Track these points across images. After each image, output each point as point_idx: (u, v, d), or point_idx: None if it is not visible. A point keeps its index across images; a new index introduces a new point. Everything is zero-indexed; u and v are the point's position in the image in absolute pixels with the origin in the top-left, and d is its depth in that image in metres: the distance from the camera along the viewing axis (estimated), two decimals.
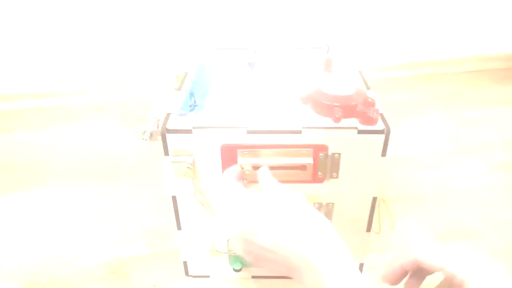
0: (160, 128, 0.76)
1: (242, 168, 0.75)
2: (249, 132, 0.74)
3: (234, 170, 0.72)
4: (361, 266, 0.92)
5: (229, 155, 0.77)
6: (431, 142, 1.44)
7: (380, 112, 0.76)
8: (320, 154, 0.76)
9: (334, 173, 0.79)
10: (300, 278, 0.60)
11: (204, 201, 0.82)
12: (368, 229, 0.87)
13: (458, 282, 0.57)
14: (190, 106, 0.80)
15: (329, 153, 0.76)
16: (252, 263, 0.64)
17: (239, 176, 0.72)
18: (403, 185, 1.23)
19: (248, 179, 0.74)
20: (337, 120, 0.75)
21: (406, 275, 0.65)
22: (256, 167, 0.73)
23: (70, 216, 1.15)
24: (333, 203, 0.83)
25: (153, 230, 1.09)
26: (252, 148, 0.76)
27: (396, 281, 0.65)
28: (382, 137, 0.74)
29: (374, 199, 0.83)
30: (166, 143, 0.76)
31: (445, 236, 1.06)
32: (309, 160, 0.77)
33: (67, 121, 1.60)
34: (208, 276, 0.96)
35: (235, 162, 0.77)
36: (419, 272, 0.65)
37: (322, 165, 0.78)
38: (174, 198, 0.83)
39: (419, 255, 0.61)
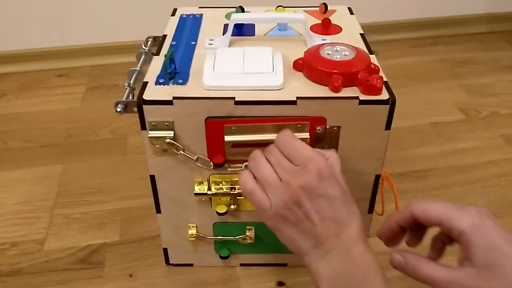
0: (136, 99, 0.76)
1: None
2: (237, 103, 0.74)
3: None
4: None
5: (215, 129, 0.77)
6: (438, 112, 1.45)
7: (384, 80, 0.77)
8: (317, 128, 0.77)
9: (333, 149, 0.79)
10: (319, 258, 0.64)
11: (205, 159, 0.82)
12: (370, 210, 0.88)
13: (456, 234, 0.60)
14: (170, 73, 0.79)
15: (327, 126, 0.77)
16: (274, 222, 0.67)
17: None
18: (407, 160, 1.25)
19: None
20: (336, 89, 0.75)
21: (404, 233, 0.69)
22: None
23: (31, 197, 1.15)
24: None
25: (128, 214, 1.10)
26: (241, 120, 0.76)
27: (394, 239, 0.69)
28: (386, 108, 0.75)
29: (377, 177, 0.84)
30: (143, 116, 0.76)
31: None
32: (304, 135, 0.77)
33: (25, 90, 1.59)
34: (192, 265, 0.97)
35: (222, 136, 0.77)
36: (419, 229, 0.68)
37: (320, 140, 0.78)
38: (152, 177, 0.83)
39: (415, 210, 0.64)
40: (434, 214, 0.62)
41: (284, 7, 0.99)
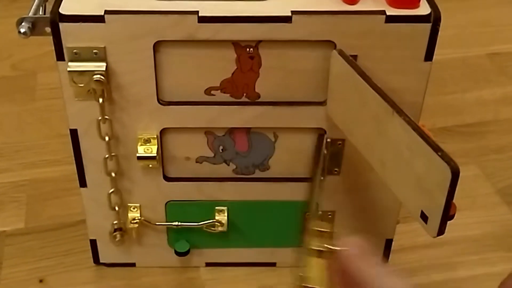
0: (48, 14, 0.74)
1: None
2: (201, 20, 0.73)
3: None
4: (388, 243, 0.94)
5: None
6: (499, 38, 1.45)
7: None
8: None
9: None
10: None
11: (113, 140, 0.82)
12: None
13: None
14: None
15: None
16: None
17: None
18: (453, 109, 1.25)
19: None
20: (351, 0, 0.74)
21: None
22: None
23: None
24: (343, 140, 0.83)
25: (39, 188, 1.09)
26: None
27: None
28: (427, 27, 0.74)
29: None
30: (60, 39, 0.74)
31: None
32: None
33: None
34: (134, 265, 0.97)
35: None
36: None
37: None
38: (74, 132, 0.82)
39: None
40: None
41: None
